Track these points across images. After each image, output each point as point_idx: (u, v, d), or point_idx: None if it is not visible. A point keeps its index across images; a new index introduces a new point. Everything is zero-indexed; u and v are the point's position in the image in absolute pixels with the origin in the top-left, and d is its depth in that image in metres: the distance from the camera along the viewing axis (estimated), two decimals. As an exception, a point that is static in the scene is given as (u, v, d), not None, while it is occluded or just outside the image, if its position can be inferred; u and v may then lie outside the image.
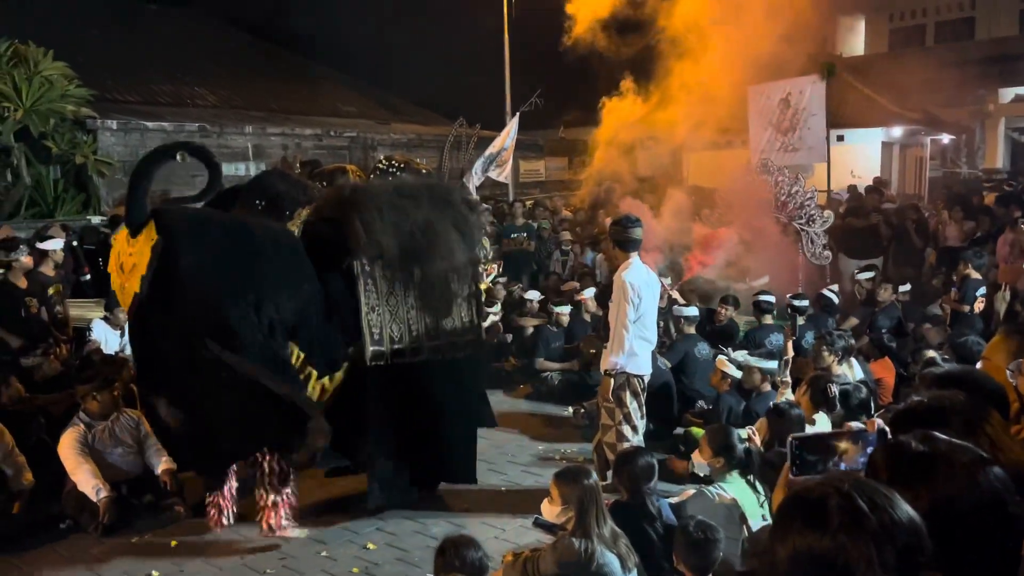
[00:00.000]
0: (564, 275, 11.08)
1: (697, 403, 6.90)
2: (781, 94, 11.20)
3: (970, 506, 1.42)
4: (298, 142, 14.92)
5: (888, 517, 1.25)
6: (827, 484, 1.32)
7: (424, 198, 5.12)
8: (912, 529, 1.25)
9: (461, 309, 5.21)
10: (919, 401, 1.95)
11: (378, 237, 4.81)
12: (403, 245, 4.89)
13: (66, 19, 15.76)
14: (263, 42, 21.02)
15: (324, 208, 5.01)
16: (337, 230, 4.86)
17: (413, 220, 4.94)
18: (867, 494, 1.27)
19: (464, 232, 5.14)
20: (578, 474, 3.51)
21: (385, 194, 5.11)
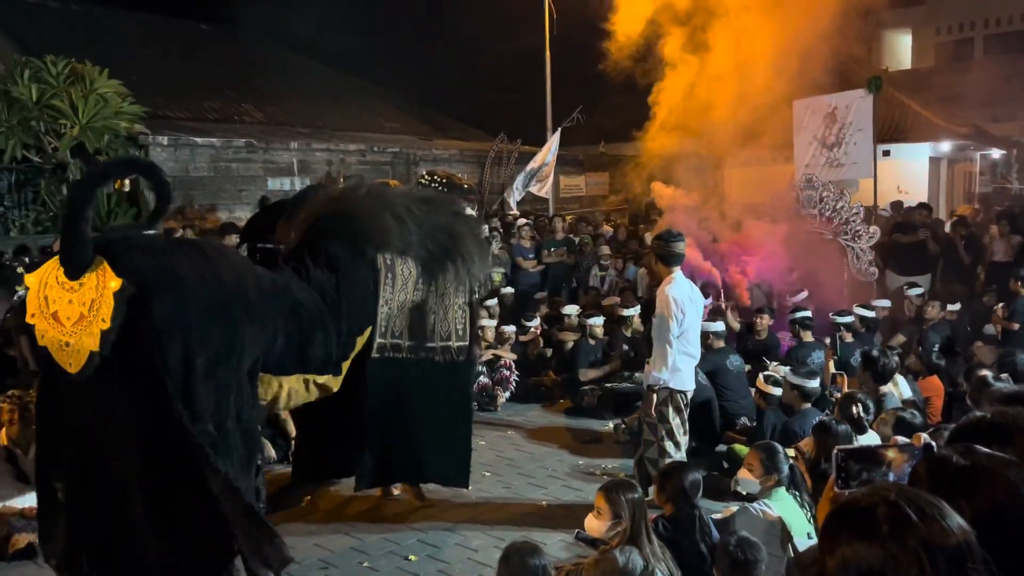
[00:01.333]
0: (603, 290, 11.06)
1: (740, 420, 6.83)
2: (827, 108, 11.09)
3: (1013, 518, 1.41)
4: (342, 157, 15.15)
5: (937, 525, 1.24)
6: (874, 494, 1.32)
7: (438, 204, 5.13)
8: (962, 536, 1.25)
9: (461, 314, 5.16)
10: (981, 417, 1.93)
11: (406, 234, 4.69)
12: (425, 245, 4.81)
13: (121, 39, 16.27)
14: (309, 60, 21.42)
15: (340, 202, 4.79)
16: (356, 223, 4.63)
17: (434, 222, 4.89)
18: (915, 502, 1.27)
19: (478, 240, 5.16)
20: (625, 488, 3.50)
21: (407, 195, 5.11)
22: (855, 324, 7.70)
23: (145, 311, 3.29)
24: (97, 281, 3.29)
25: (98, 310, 3.27)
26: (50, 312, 3.32)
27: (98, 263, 3.30)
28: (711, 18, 10.57)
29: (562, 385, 8.65)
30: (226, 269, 3.63)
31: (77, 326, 3.29)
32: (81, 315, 3.29)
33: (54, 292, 3.33)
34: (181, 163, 12.87)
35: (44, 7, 17.20)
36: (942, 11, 28.39)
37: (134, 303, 3.28)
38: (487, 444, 7.23)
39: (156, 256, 3.47)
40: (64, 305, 3.31)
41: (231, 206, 13.20)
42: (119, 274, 3.28)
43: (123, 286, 3.27)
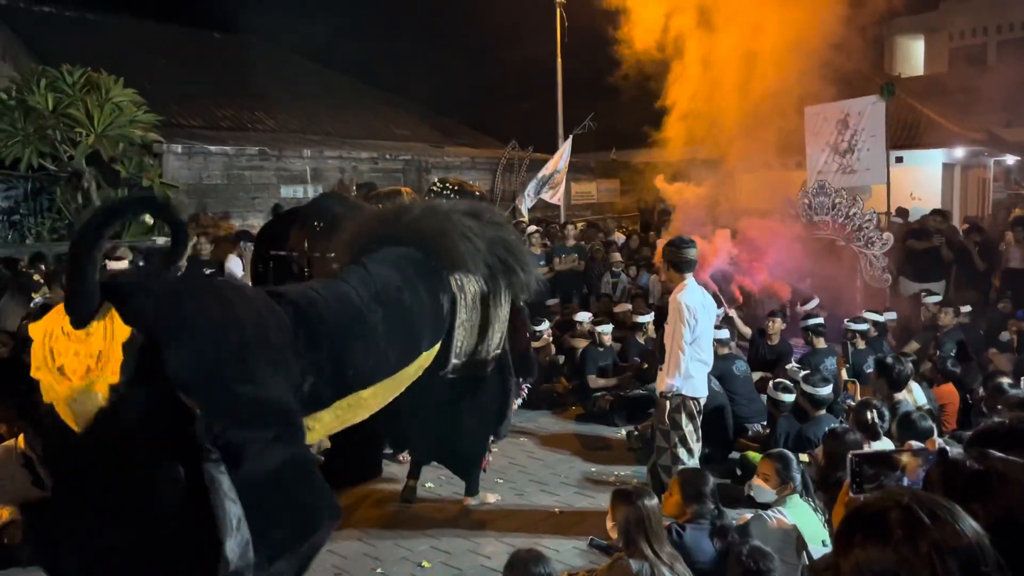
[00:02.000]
0: (615, 297, 11.05)
1: (752, 425, 6.80)
2: (839, 115, 11.06)
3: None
4: (354, 165, 15.23)
5: (950, 529, 1.25)
6: (887, 498, 1.33)
7: (484, 216, 5.09)
8: (975, 539, 1.25)
9: (500, 324, 5.21)
10: (1000, 422, 1.92)
11: (473, 253, 4.66)
12: (487, 261, 4.80)
13: (135, 48, 16.42)
14: (321, 68, 21.56)
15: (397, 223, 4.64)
16: (427, 243, 4.56)
17: (489, 237, 4.87)
18: (927, 506, 1.28)
19: (527, 249, 5.36)
20: (638, 494, 3.50)
21: (456, 211, 4.99)
22: (869, 331, 7.66)
23: (157, 364, 2.89)
24: (105, 331, 2.91)
25: (107, 363, 2.88)
26: (56, 366, 2.93)
27: (106, 310, 2.92)
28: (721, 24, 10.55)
29: (574, 391, 8.64)
30: (246, 312, 3.26)
31: (88, 378, 2.90)
32: (88, 368, 2.91)
33: (60, 344, 2.94)
34: (195, 171, 12.98)
35: (60, 17, 17.40)
36: (955, 16, 28.29)
37: (145, 355, 2.89)
38: (499, 451, 7.21)
39: (169, 301, 3.08)
40: (70, 358, 2.92)
41: (244, 213, 13.30)
42: (127, 322, 2.90)
43: (132, 335, 2.88)
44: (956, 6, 27.76)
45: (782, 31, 10.27)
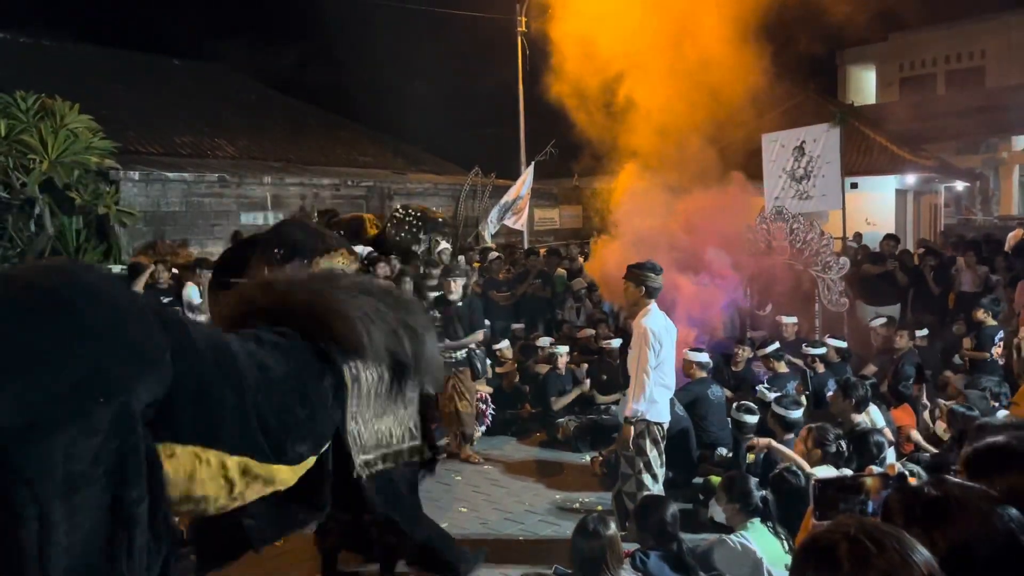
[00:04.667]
0: (579, 322, 11.08)
1: (717, 451, 6.83)
2: (795, 142, 11.28)
3: (986, 548, 1.42)
4: (316, 192, 15.14)
5: (897, 558, 1.26)
6: (835, 530, 1.34)
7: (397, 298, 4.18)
8: (925, 569, 1.26)
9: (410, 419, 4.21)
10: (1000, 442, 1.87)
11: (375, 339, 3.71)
12: (390, 348, 3.84)
13: (92, 75, 16.21)
14: (282, 95, 21.47)
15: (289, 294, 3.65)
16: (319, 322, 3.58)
17: (400, 320, 3.94)
18: (874, 536, 1.29)
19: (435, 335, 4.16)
20: (595, 526, 3.46)
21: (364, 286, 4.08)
22: (828, 354, 7.77)
23: None
24: None
25: None
26: None
27: None
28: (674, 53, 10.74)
29: (537, 418, 8.62)
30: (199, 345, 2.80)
31: None
32: None
33: None
34: (153, 198, 12.79)
35: (14, 42, 17.13)
36: (904, 47, 29.15)
37: None
38: (463, 479, 7.16)
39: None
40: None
41: (203, 241, 13.12)
42: None
43: None
44: (906, 37, 28.62)
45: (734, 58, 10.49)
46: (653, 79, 10.68)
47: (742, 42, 10.51)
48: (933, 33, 27.99)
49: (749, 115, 12.05)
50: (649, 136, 10.81)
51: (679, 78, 10.40)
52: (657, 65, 10.58)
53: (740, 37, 10.55)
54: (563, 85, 11.42)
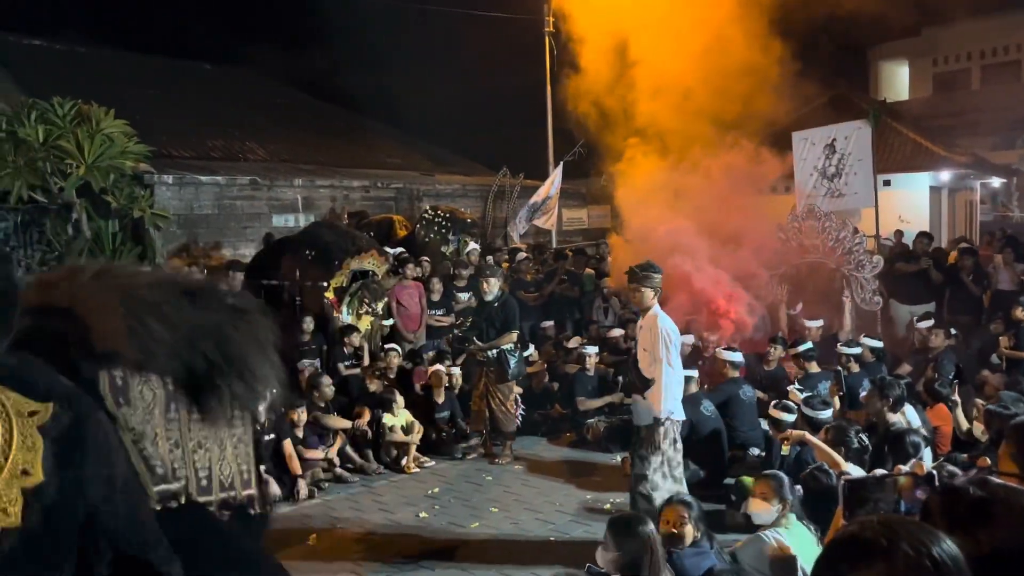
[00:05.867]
0: (607, 322, 11.05)
1: (749, 451, 6.78)
2: (826, 139, 11.16)
3: None
4: (346, 194, 15.25)
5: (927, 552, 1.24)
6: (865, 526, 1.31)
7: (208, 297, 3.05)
8: (953, 563, 1.24)
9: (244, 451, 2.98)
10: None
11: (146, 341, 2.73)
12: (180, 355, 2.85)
13: (126, 80, 16.46)
14: (313, 98, 21.66)
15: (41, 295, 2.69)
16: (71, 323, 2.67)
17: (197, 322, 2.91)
18: (907, 532, 1.26)
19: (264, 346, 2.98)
20: (637, 523, 3.44)
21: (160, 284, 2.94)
22: (863, 354, 7.67)
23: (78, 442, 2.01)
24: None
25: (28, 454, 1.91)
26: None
27: None
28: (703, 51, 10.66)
29: (567, 418, 8.61)
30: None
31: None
32: None
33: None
34: (186, 201, 12.97)
35: (51, 50, 17.46)
36: (937, 42, 28.68)
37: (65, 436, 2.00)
38: (494, 479, 7.18)
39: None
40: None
41: (236, 243, 13.27)
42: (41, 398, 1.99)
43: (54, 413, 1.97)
44: (939, 32, 28.16)
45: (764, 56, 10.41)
46: (681, 78, 10.63)
47: (771, 39, 10.44)
48: (968, 27, 27.50)
49: (779, 113, 11.94)
50: (676, 135, 10.78)
51: (708, 76, 10.35)
52: (685, 63, 10.52)
53: (769, 34, 10.47)
54: (590, 84, 11.41)
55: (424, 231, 13.66)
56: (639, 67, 10.90)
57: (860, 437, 5.00)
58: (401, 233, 13.68)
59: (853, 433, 5.07)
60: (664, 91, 10.71)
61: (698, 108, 10.59)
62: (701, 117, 10.64)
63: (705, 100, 10.42)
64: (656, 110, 10.77)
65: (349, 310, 9.58)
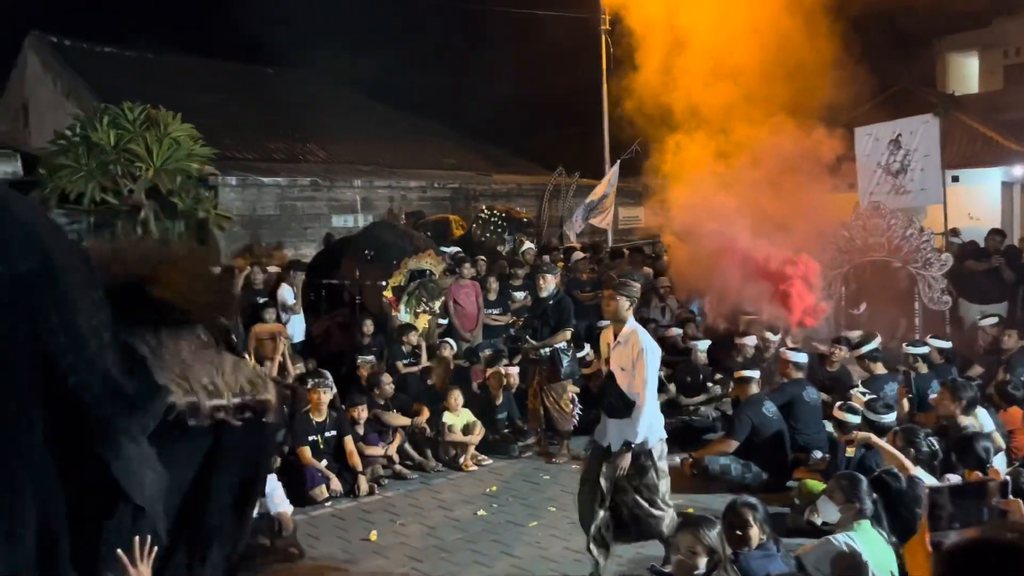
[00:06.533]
0: (664, 321, 10.95)
1: (812, 454, 6.65)
2: (891, 135, 10.86)
3: None
4: (403, 194, 15.42)
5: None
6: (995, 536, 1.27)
7: None
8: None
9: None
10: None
11: None
12: None
13: (192, 84, 16.92)
14: (370, 100, 21.94)
15: None
16: None
17: None
18: None
19: None
20: (703, 525, 3.39)
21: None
22: (931, 355, 7.45)
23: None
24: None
25: None
26: None
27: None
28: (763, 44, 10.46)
29: (625, 418, 8.55)
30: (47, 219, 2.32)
31: None
32: None
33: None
34: (249, 202, 13.27)
35: (121, 56, 18.06)
36: (1009, 33, 27.67)
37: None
38: (551, 478, 7.18)
39: None
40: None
41: (297, 243, 13.53)
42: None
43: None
44: (1010, 22, 27.15)
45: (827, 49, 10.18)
46: (739, 73, 10.46)
47: (834, 32, 10.20)
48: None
49: (841, 108, 11.65)
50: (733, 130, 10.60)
51: (768, 70, 10.16)
52: (743, 58, 10.35)
53: (832, 27, 10.24)
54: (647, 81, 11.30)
55: (480, 230, 13.74)
56: (696, 62, 10.76)
57: (930, 441, 4.86)
58: (457, 233, 13.78)
59: (922, 436, 4.94)
60: (722, 86, 10.55)
61: (757, 103, 10.41)
62: (760, 112, 10.45)
63: (765, 95, 10.22)
64: (714, 105, 10.62)
65: (407, 309, 9.69)
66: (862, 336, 8.18)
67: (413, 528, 6.07)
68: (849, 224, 9.82)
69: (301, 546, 5.60)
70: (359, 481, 6.79)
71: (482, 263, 11.51)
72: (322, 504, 6.56)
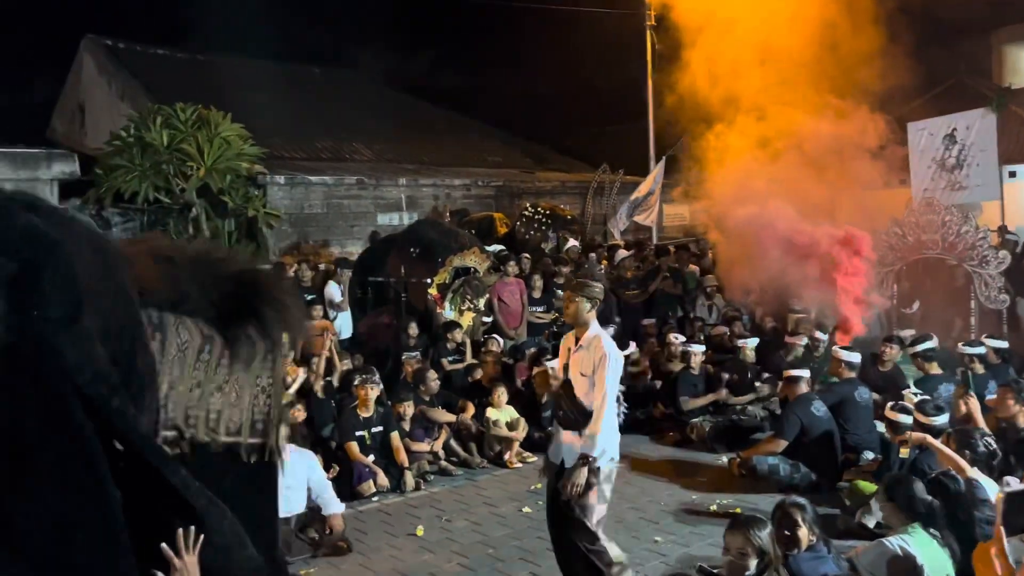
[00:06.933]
0: (711, 319, 10.85)
1: (863, 455, 6.53)
2: (946, 130, 10.62)
3: None
4: (448, 192, 15.49)
5: None
6: None
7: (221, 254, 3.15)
8: None
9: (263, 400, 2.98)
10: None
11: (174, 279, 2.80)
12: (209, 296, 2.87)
13: (241, 85, 17.20)
14: (415, 99, 22.09)
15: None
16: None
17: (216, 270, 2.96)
18: None
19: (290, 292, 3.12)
20: (755, 525, 3.35)
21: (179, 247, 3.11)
22: (988, 355, 7.26)
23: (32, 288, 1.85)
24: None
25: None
26: None
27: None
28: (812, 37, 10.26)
29: (670, 417, 8.50)
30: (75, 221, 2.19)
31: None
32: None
33: None
34: (296, 201, 13.46)
35: (173, 58, 18.45)
36: (1069, 23, 26.81)
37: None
38: (596, 476, 7.16)
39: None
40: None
41: (343, 241, 13.68)
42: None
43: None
44: (1070, 12, 26.30)
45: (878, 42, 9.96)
46: (790, 67, 10.29)
47: (886, 25, 9.98)
48: (1103, 6, 25.57)
49: (893, 102, 11.40)
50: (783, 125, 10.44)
51: (818, 64, 9.98)
52: (793, 50, 10.18)
53: (884, 19, 10.02)
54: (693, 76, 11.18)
55: (524, 228, 13.74)
56: (744, 55, 10.61)
57: (987, 441, 4.74)
58: (501, 230, 13.80)
59: (978, 437, 4.82)
60: (770, 80, 10.40)
61: (806, 98, 10.24)
62: (809, 106, 10.28)
63: (815, 89, 10.05)
64: (761, 99, 10.47)
65: (452, 306, 9.75)
66: (917, 335, 8.00)
67: (459, 524, 6.11)
68: (902, 221, 9.61)
69: (349, 540, 5.67)
70: (405, 477, 6.86)
71: (526, 261, 11.52)
72: (369, 499, 6.64)
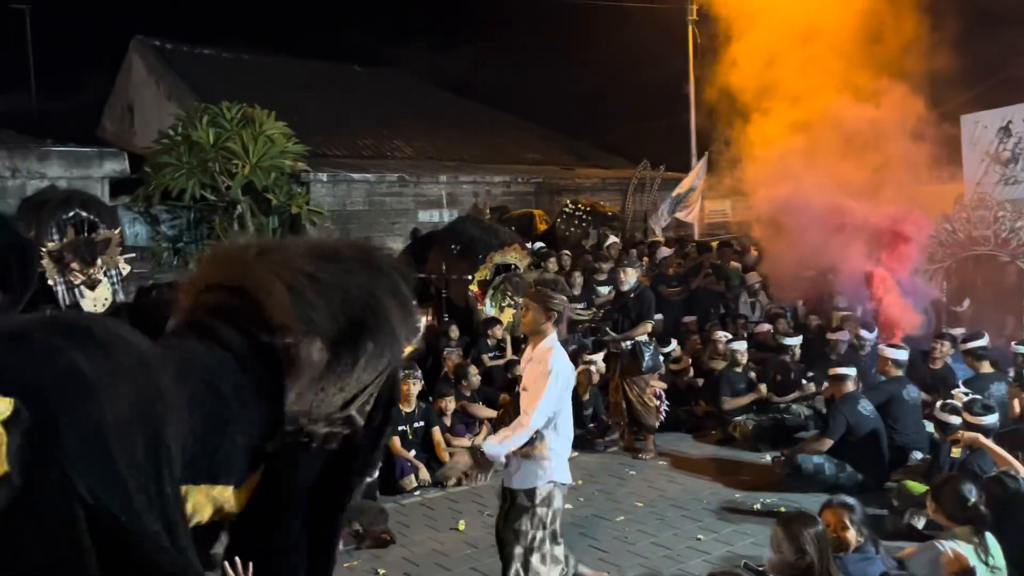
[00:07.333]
0: (753, 317, 10.71)
1: (911, 455, 6.39)
2: (1000, 122, 10.35)
3: None
4: (488, 189, 15.54)
5: None
6: None
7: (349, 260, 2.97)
8: None
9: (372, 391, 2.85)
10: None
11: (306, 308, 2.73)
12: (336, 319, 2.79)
13: (285, 84, 17.45)
14: (455, 96, 22.18)
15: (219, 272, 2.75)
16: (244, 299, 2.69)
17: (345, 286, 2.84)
18: None
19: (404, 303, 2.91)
20: (807, 520, 3.29)
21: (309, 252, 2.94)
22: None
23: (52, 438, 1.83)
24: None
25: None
26: None
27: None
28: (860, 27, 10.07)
29: (712, 415, 8.42)
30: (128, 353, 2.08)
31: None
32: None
33: None
34: (339, 198, 13.61)
35: (219, 58, 18.78)
36: None
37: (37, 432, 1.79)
38: (638, 474, 7.13)
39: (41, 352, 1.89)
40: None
41: (384, 238, 13.78)
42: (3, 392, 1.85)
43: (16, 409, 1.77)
44: None
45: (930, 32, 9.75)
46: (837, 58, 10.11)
47: (940, 16, 9.76)
48: None
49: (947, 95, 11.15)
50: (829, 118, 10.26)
51: (866, 56, 9.79)
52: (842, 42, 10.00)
53: (939, 11, 9.79)
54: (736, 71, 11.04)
55: (564, 225, 13.72)
56: (789, 49, 10.45)
57: None
58: (541, 227, 13.80)
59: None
60: (817, 74, 10.22)
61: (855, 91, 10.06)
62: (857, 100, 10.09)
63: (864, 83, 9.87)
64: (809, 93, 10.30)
65: (492, 303, 9.78)
66: (969, 332, 7.82)
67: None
68: (952, 216, 9.40)
69: (392, 532, 5.72)
70: (446, 471, 6.88)
71: (566, 257, 11.50)
72: (411, 493, 6.68)
